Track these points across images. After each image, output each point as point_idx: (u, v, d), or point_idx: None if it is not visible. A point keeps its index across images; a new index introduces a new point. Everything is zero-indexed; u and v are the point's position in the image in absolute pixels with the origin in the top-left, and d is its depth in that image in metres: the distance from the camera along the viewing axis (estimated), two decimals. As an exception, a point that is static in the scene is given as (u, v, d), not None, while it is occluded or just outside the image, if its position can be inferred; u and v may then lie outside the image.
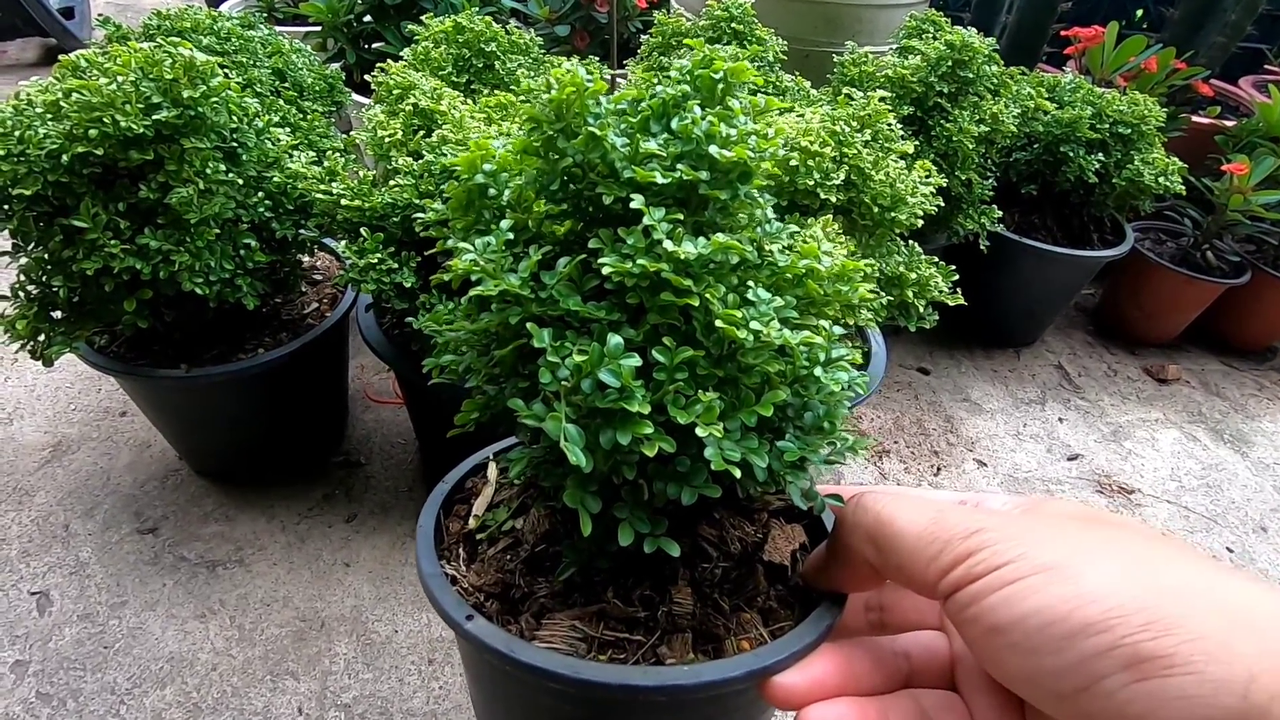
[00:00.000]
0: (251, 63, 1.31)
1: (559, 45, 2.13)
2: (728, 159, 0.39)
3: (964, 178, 1.42)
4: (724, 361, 0.40)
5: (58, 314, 0.97)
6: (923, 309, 1.08)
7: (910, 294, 1.06)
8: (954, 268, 1.11)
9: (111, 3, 3.52)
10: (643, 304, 0.40)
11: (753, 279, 0.41)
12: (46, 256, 0.92)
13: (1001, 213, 1.51)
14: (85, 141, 0.85)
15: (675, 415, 0.38)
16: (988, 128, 1.38)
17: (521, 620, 0.51)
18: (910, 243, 1.12)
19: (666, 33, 1.47)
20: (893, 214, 1.01)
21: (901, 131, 1.07)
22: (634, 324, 0.41)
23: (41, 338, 0.95)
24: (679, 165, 0.39)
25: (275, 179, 1.02)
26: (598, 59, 1.05)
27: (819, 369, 0.41)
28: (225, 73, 0.96)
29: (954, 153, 1.38)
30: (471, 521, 0.58)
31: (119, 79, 0.86)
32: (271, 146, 1.03)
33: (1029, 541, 0.33)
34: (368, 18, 1.87)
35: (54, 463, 1.29)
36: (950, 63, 1.37)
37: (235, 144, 0.99)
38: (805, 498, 0.47)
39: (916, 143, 1.34)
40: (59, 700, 0.97)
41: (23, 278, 0.95)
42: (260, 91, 1.27)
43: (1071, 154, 1.53)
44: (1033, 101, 1.52)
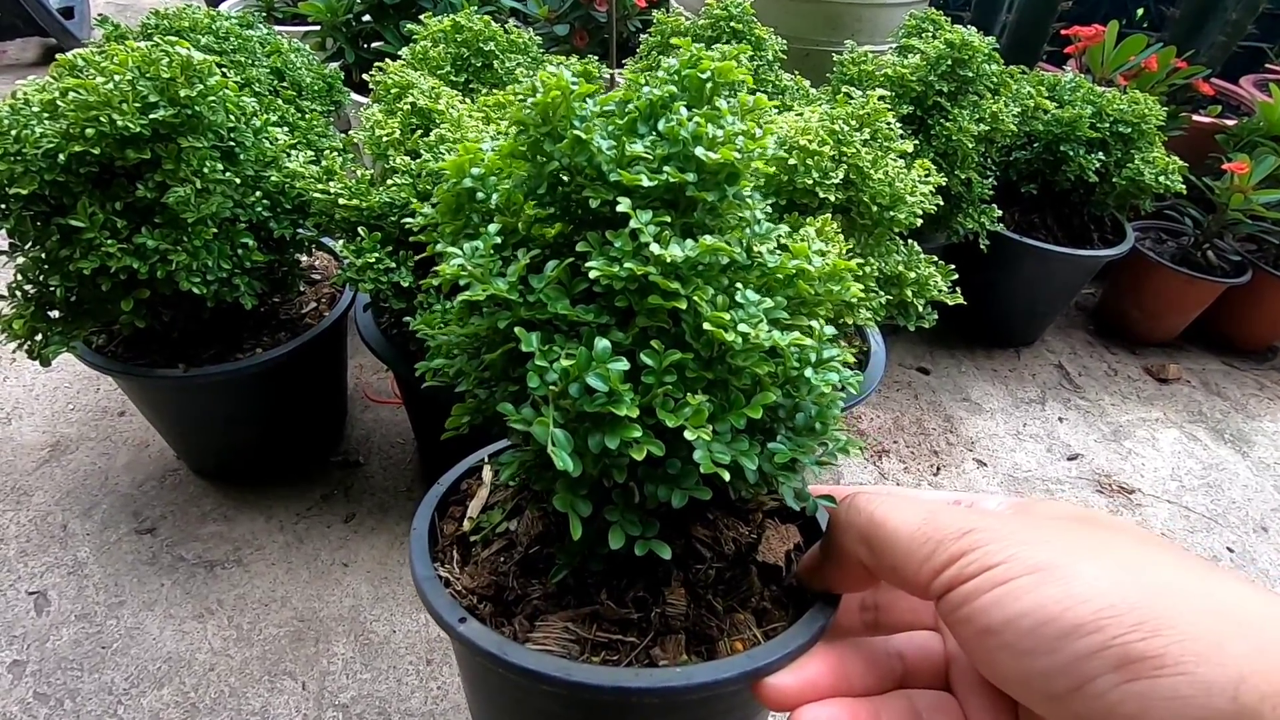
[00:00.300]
0: (250, 62, 1.31)
1: (558, 44, 2.13)
2: (714, 161, 0.39)
3: (964, 177, 1.41)
4: (713, 364, 0.40)
5: (55, 313, 0.97)
6: (922, 308, 1.08)
7: (910, 293, 1.06)
8: (953, 267, 1.11)
9: (111, 2, 3.52)
10: (631, 307, 0.39)
11: (742, 280, 0.41)
12: (44, 256, 0.92)
13: (1001, 212, 1.50)
14: (82, 140, 0.85)
15: (664, 418, 0.38)
16: (987, 127, 1.37)
17: (515, 622, 0.51)
18: (910, 242, 1.12)
19: (665, 32, 1.47)
20: (892, 213, 1.01)
21: (901, 130, 1.07)
22: (623, 327, 0.40)
23: (39, 337, 0.95)
24: (666, 167, 0.39)
25: (273, 178, 1.02)
26: (597, 58, 1.05)
27: (809, 370, 0.41)
28: (223, 72, 0.96)
29: (954, 152, 1.37)
30: (466, 524, 0.58)
31: (116, 78, 0.86)
32: (269, 145, 1.03)
33: (1021, 542, 0.33)
34: (366, 17, 1.87)
35: (52, 462, 1.29)
36: (950, 62, 1.37)
37: (233, 143, 0.98)
38: (798, 498, 0.47)
39: (916, 142, 1.34)
40: (56, 700, 0.97)
41: (20, 277, 0.95)
42: (258, 91, 1.27)
43: (1072, 153, 1.52)
44: (1033, 100, 1.52)
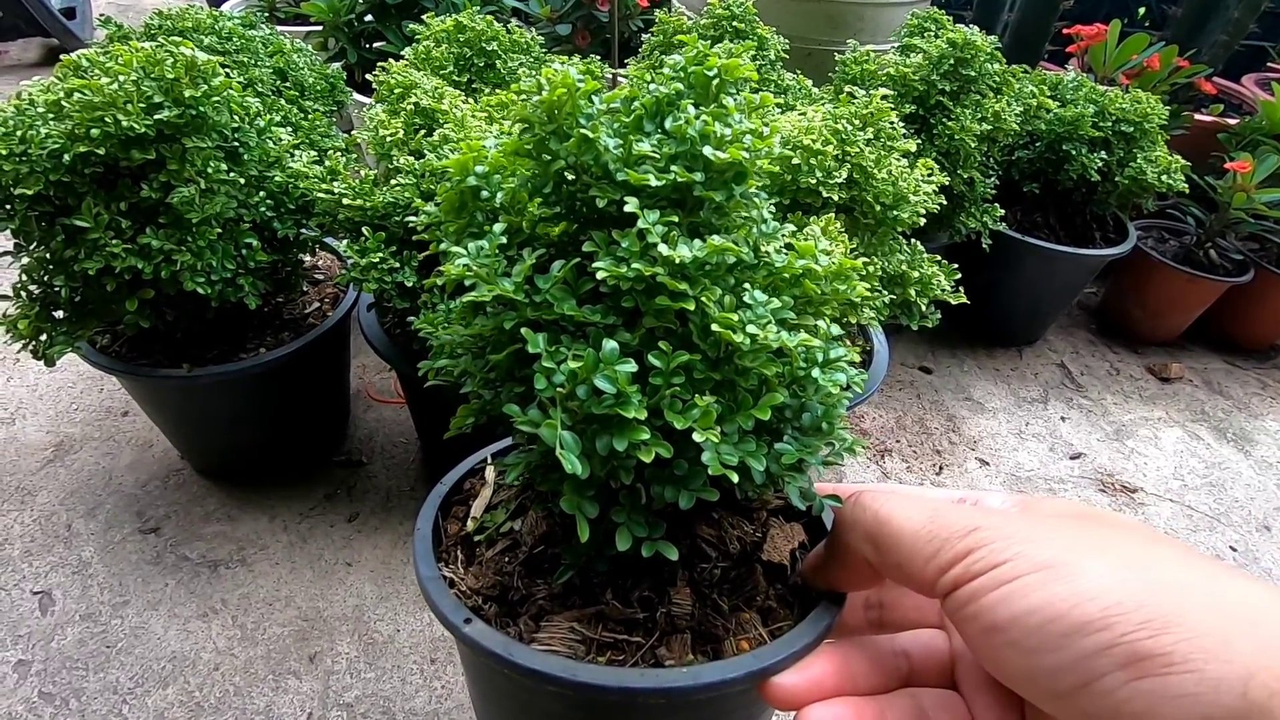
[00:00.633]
0: (253, 62, 1.31)
1: (560, 44, 2.13)
2: (722, 160, 0.39)
3: (966, 176, 1.41)
4: (721, 364, 0.40)
5: (59, 314, 0.97)
6: (925, 307, 1.08)
7: (912, 292, 1.06)
8: (956, 266, 1.11)
9: (113, 2, 3.52)
10: (638, 307, 0.39)
11: (749, 280, 0.41)
12: (48, 256, 0.92)
13: (1004, 211, 1.50)
14: (87, 141, 0.85)
15: (672, 420, 0.38)
16: (990, 126, 1.37)
17: (520, 623, 0.51)
18: (912, 241, 1.12)
19: (668, 31, 1.47)
20: (895, 212, 1.01)
21: (903, 130, 1.07)
22: (630, 328, 0.40)
23: (43, 337, 0.95)
24: (673, 167, 0.39)
25: (277, 178, 1.02)
26: (599, 58, 1.05)
27: (816, 370, 0.41)
28: (227, 72, 0.97)
29: (956, 151, 1.37)
30: (470, 524, 0.58)
31: (120, 78, 0.86)
32: (273, 146, 1.03)
33: (1027, 539, 0.33)
34: (369, 17, 1.87)
35: (56, 462, 1.29)
36: (952, 61, 1.37)
37: (237, 143, 0.99)
38: (803, 498, 0.47)
39: (918, 141, 1.34)
40: (61, 700, 0.97)
41: (24, 277, 0.95)
42: (262, 91, 1.27)
43: (1074, 152, 1.52)
44: (1035, 100, 1.52)
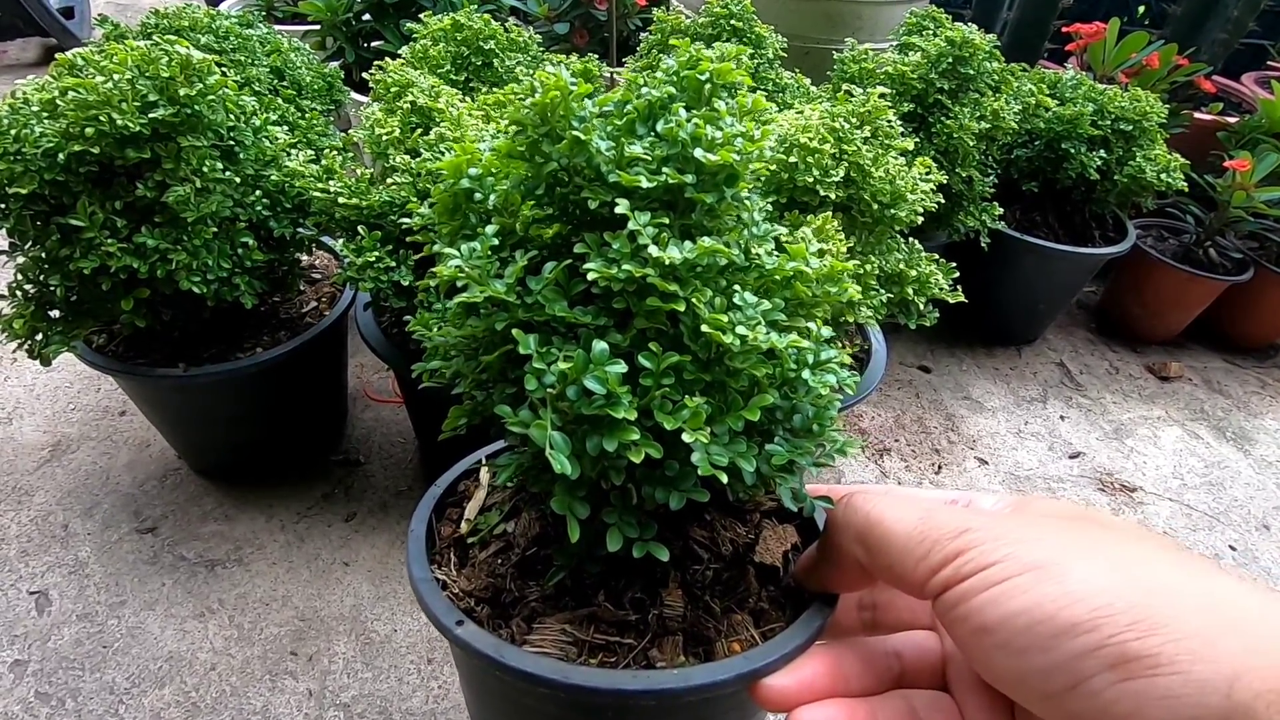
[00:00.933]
0: (249, 61, 1.31)
1: (558, 43, 2.13)
2: (713, 162, 0.38)
3: (965, 175, 1.41)
4: (711, 365, 0.40)
5: (55, 313, 0.97)
6: (923, 306, 1.08)
7: (910, 291, 1.06)
8: (954, 265, 1.11)
9: (111, 2, 3.52)
10: (629, 309, 0.39)
11: (740, 282, 0.41)
12: (44, 255, 0.92)
13: (1002, 210, 1.50)
14: (82, 140, 0.85)
15: (662, 420, 0.37)
16: (988, 124, 1.37)
17: (512, 624, 0.51)
18: (910, 240, 1.12)
19: (666, 30, 1.47)
20: (893, 211, 1.01)
21: (902, 128, 1.07)
22: (621, 329, 0.40)
23: (39, 337, 0.95)
24: (664, 169, 0.39)
25: (273, 177, 1.02)
26: (597, 57, 1.05)
27: (807, 371, 0.41)
28: (223, 71, 0.96)
29: (955, 150, 1.37)
30: (463, 526, 0.58)
31: (115, 77, 0.86)
32: (269, 145, 1.03)
33: (1017, 541, 0.33)
34: (366, 16, 1.87)
35: (53, 462, 1.29)
36: (951, 59, 1.37)
37: (233, 142, 0.98)
38: (795, 499, 0.47)
39: (917, 139, 1.34)
40: (58, 700, 0.97)
41: (20, 277, 0.95)
42: (258, 90, 1.27)
43: (1073, 151, 1.52)
44: (1034, 98, 1.52)
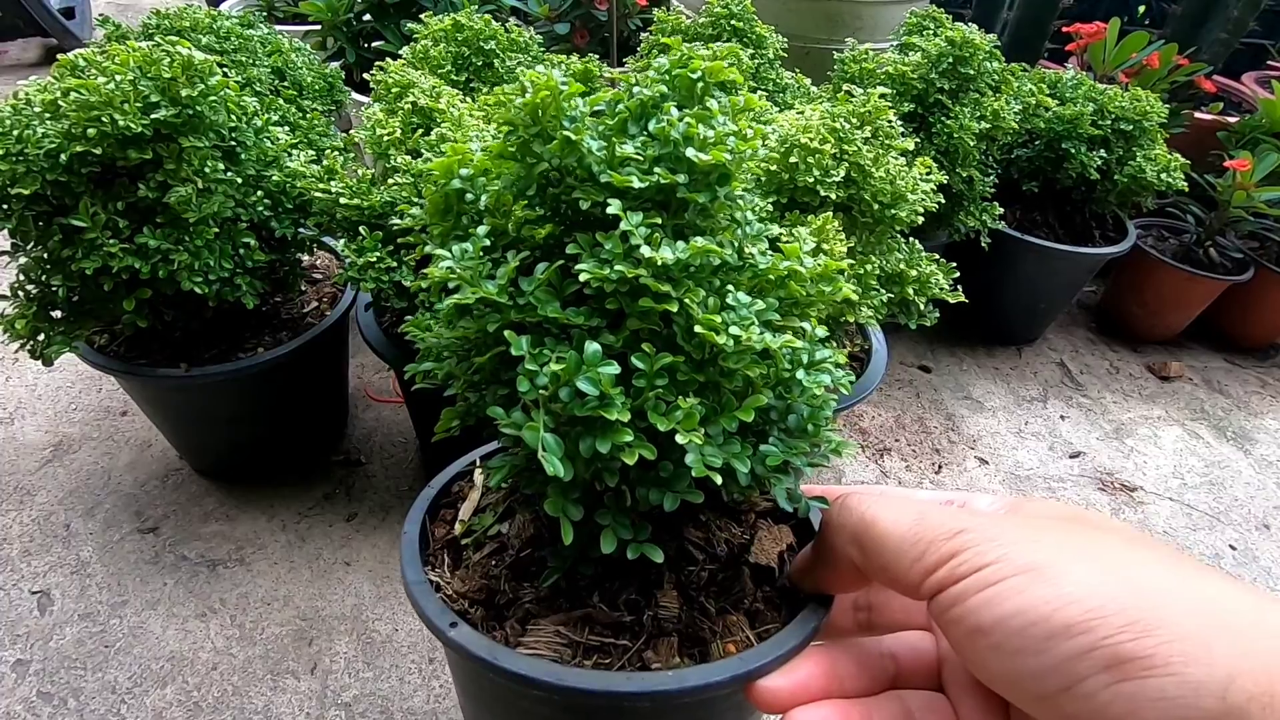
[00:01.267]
0: (251, 61, 1.31)
1: (559, 43, 2.13)
2: (705, 162, 0.38)
3: (965, 175, 1.41)
4: (705, 366, 0.40)
5: (57, 313, 0.97)
6: (923, 306, 1.08)
7: (911, 291, 1.06)
8: (955, 265, 1.11)
9: (112, 2, 3.53)
10: (622, 309, 0.39)
11: (733, 282, 0.41)
12: (45, 256, 0.93)
13: (1003, 210, 1.50)
14: (84, 140, 0.85)
15: (656, 422, 0.37)
16: (989, 124, 1.37)
17: (506, 626, 0.51)
18: (911, 240, 1.12)
19: (666, 30, 1.47)
20: (893, 211, 1.01)
21: (902, 128, 1.07)
22: (614, 330, 0.40)
23: (41, 337, 0.95)
24: (656, 168, 0.39)
25: (274, 178, 1.02)
26: (598, 57, 1.05)
27: (801, 372, 0.41)
28: (224, 71, 0.97)
29: (955, 149, 1.37)
30: (457, 527, 0.58)
31: (117, 78, 0.86)
32: (270, 145, 1.03)
33: (1012, 542, 0.33)
34: (367, 16, 1.87)
35: (55, 462, 1.29)
36: (951, 59, 1.37)
37: (234, 143, 0.99)
38: (790, 500, 0.47)
39: (917, 139, 1.33)
40: (60, 699, 0.97)
41: (22, 277, 0.95)
42: (259, 90, 1.28)
43: (1073, 150, 1.52)
44: (1034, 98, 1.51)
